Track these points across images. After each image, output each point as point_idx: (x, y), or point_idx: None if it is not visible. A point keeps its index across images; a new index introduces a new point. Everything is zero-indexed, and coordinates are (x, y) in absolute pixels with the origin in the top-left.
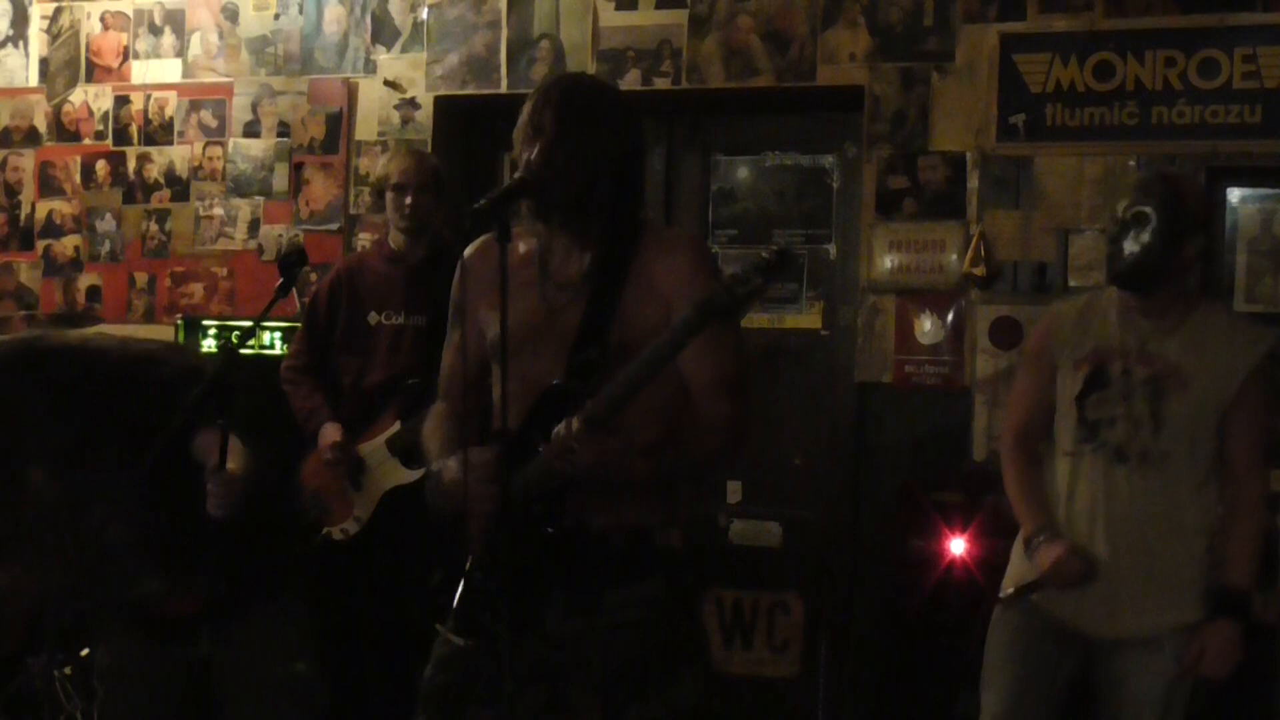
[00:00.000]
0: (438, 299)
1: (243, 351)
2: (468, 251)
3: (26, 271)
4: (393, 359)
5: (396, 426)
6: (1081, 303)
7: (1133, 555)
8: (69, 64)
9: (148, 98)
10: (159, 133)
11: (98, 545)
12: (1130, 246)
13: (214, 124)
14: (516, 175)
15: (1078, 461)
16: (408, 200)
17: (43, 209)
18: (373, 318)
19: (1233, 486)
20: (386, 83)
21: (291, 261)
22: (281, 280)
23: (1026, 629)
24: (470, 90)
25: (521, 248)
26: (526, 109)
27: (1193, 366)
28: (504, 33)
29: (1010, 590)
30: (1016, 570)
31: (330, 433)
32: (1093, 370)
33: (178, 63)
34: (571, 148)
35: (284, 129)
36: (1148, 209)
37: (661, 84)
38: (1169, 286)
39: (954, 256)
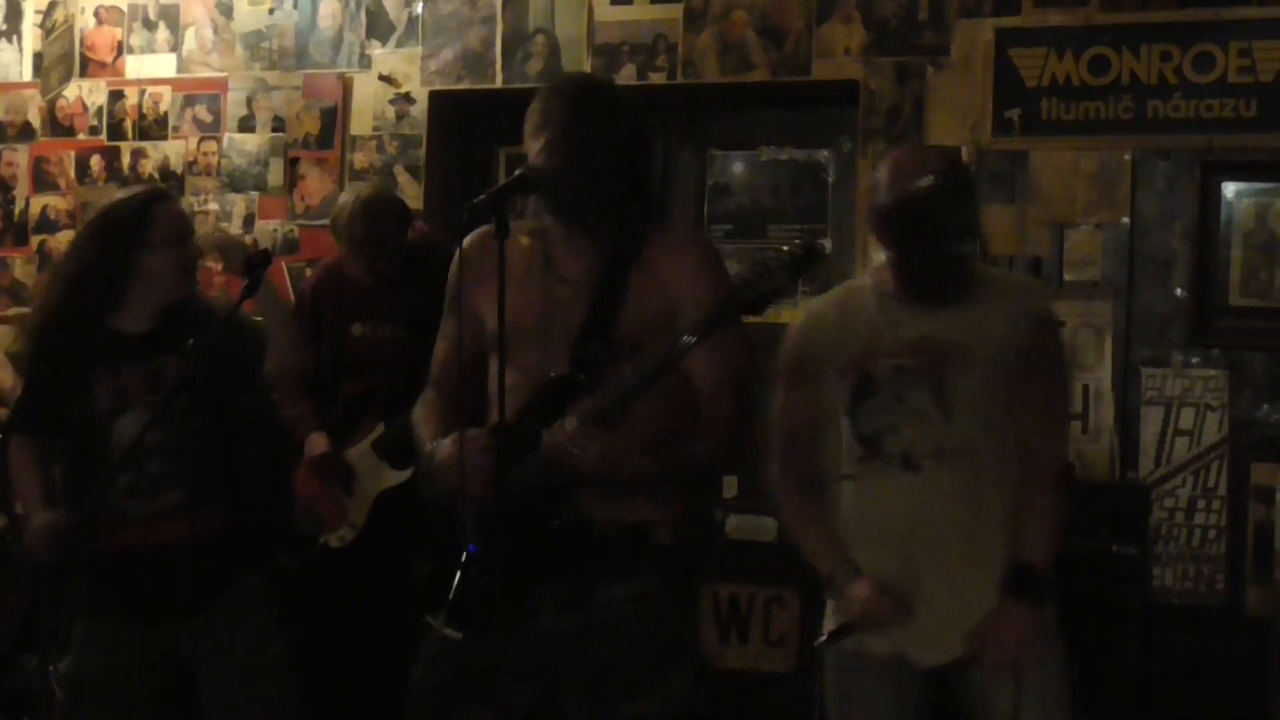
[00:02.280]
0: (419, 306)
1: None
2: (466, 242)
3: (21, 267)
4: (379, 369)
5: (380, 429)
6: (837, 299)
7: (947, 569)
8: (63, 59)
9: (142, 93)
10: (153, 128)
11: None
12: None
13: (209, 119)
14: (518, 171)
15: (861, 482)
16: (372, 260)
17: (37, 204)
18: (357, 329)
19: (1028, 458)
20: (381, 78)
21: (256, 262)
22: (248, 281)
23: (854, 679)
24: (465, 85)
25: (525, 241)
26: (534, 105)
27: (972, 339)
28: (499, 27)
29: (823, 637)
30: (831, 612)
31: (317, 443)
32: (858, 378)
33: (172, 57)
34: (578, 140)
35: (279, 124)
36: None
37: (657, 79)
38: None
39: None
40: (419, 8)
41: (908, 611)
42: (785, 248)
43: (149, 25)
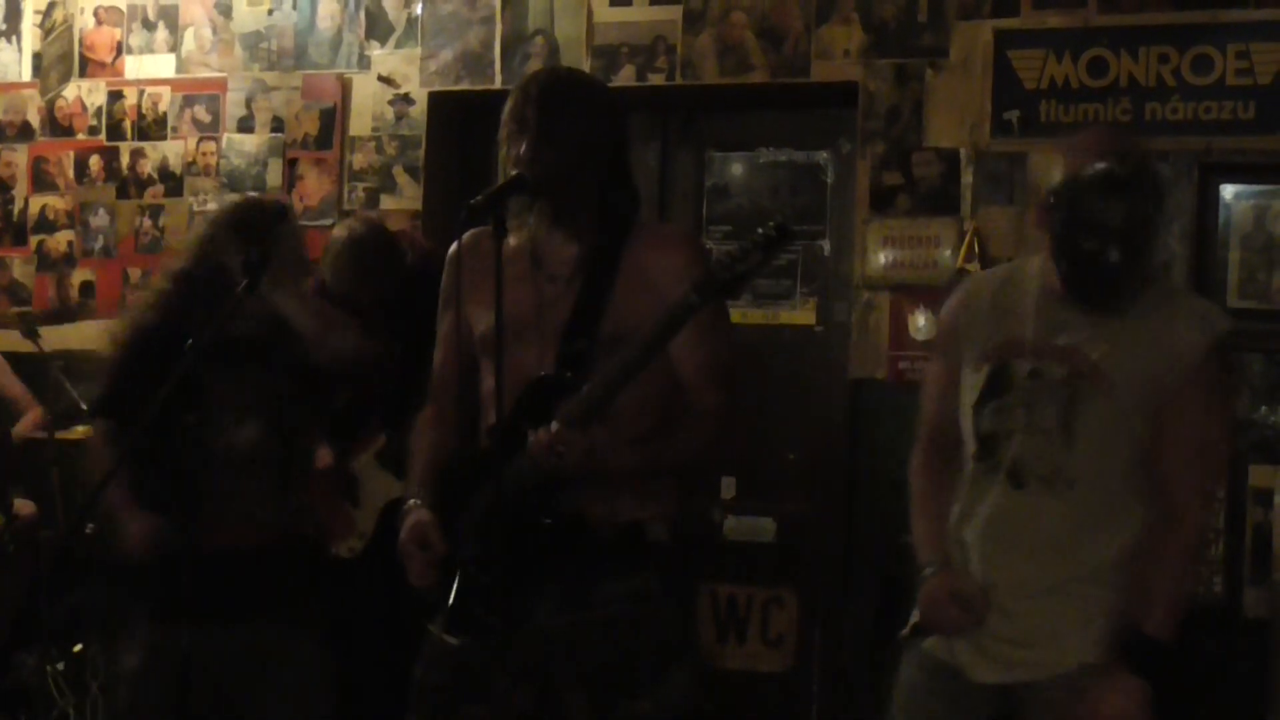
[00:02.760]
0: (418, 315)
1: None
2: (453, 249)
3: (20, 267)
4: (372, 379)
5: (383, 439)
6: (1001, 276)
7: (1031, 596)
8: (62, 59)
9: (141, 93)
10: (152, 128)
11: None
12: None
13: (207, 119)
14: (513, 172)
15: (974, 483)
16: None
17: (36, 204)
18: None
19: (1166, 511)
20: (380, 78)
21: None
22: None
23: (917, 679)
24: (465, 86)
25: (512, 240)
26: (509, 105)
27: (1118, 363)
28: (498, 28)
29: (905, 630)
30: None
31: (322, 456)
32: (994, 370)
33: (171, 58)
34: (557, 139)
35: (278, 124)
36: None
37: (656, 80)
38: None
39: (948, 252)
40: (418, 9)
41: (975, 622)
42: (760, 230)
43: (148, 25)
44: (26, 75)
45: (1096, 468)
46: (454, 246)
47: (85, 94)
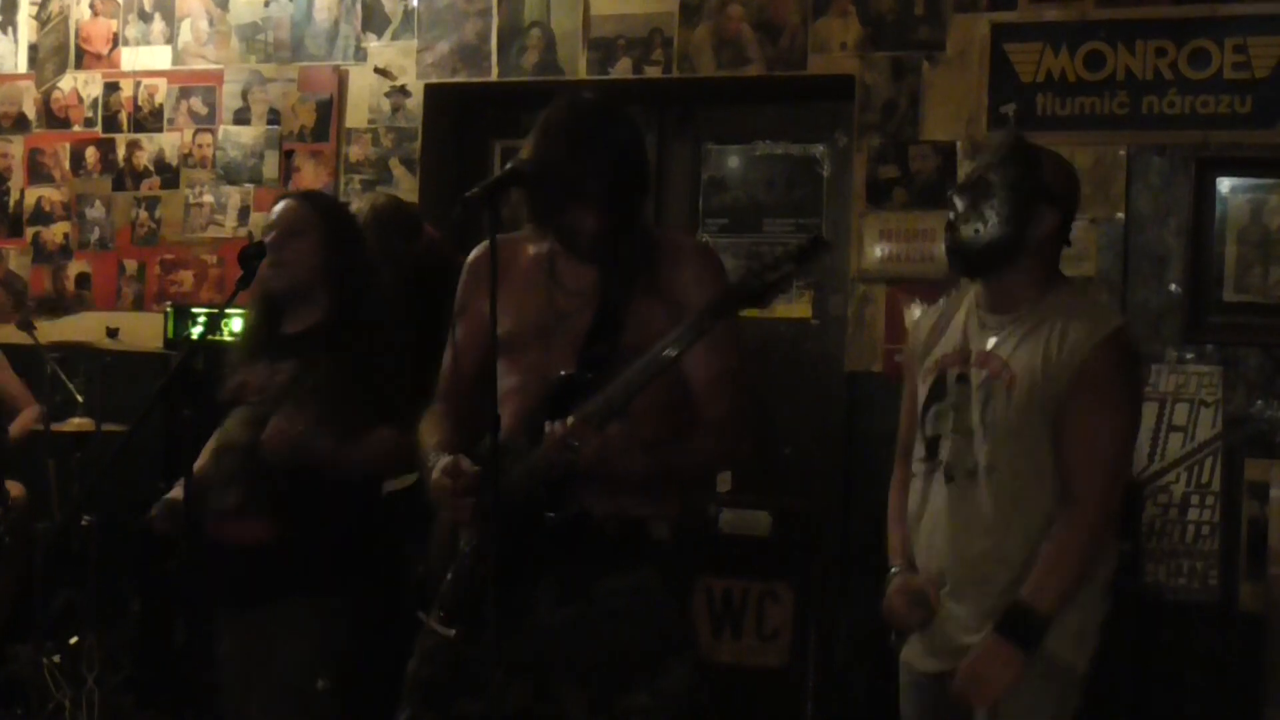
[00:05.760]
0: (427, 314)
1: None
2: (474, 254)
3: (16, 259)
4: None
5: None
6: (944, 303)
7: (961, 589)
8: (58, 50)
9: (137, 84)
10: (149, 120)
11: None
12: (972, 221)
13: (204, 111)
14: (509, 164)
15: (923, 483)
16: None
17: (32, 196)
18: None
19: (1064, 504)
20: (377, 70)
21: (250, 254)
22: (242, 273)
23: (902, 679)
24: (461, 78)
25: (531, 250)
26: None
27: (1020, 361)
28: (495, 20)
29: (893, 638)
30: None
31: None
32: (934, 380)
33: (168, 49)
34: (565, 140)
35: (274, 116)
36: (993, 176)
37: (652, 73)
38: (1015, 271)
39: (944, 246)
40: (414, 1)
41: (927, 617)
42: (794, 242)
43: (144, 17)
44: (22, 67)
45: (1008, 459)
46: (474, 253)
47: (81, 85)
